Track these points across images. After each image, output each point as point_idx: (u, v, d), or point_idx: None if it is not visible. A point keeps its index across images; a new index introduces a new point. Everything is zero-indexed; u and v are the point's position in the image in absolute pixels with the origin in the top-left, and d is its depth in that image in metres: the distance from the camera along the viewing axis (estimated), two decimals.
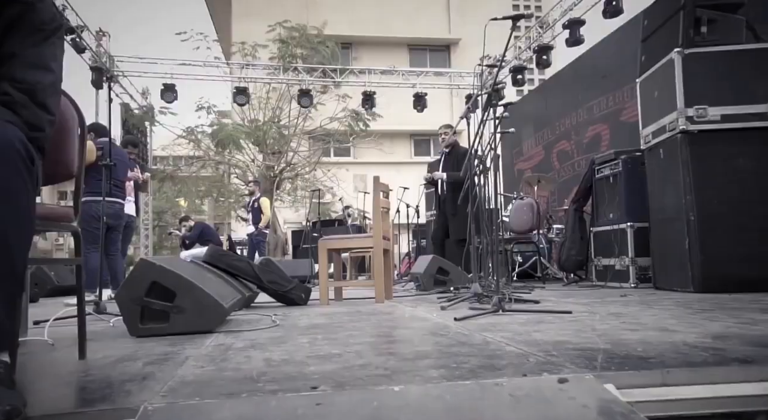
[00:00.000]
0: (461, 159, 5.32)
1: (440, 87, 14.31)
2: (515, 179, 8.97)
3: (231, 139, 11.49)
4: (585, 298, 3.37)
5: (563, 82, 7.81)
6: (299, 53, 12.91)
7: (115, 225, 4.53)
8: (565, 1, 9.66)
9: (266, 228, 8.05)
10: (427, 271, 4.39)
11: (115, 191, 4.48)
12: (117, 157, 4.54)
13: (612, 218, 4.40)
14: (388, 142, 20.00)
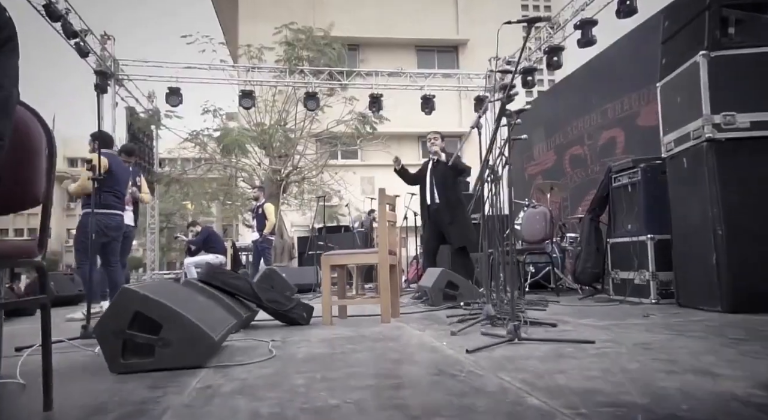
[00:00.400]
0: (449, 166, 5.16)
1: (448, 89, 14.11)
2: (525, 184, 8.74)
3: (236, 143, 11.35)
4: (604, 317, 3.15)
5: (576, 84, 7.58)
6: (305, 55, 12.75)
7: (115, 237, 4.38)
8: (576, 1, 9.43)
9: (271, 234, 7.88)
10: (435, 286, 4.19)
11: (115, 203, 4.34)
12: (119, 169, 4.40)
13: (630, 229, 4.18)
14: (395, 144, 19.74)
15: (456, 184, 5.37)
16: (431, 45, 23.54)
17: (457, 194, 5.32)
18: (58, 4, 8.64)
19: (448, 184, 5.20)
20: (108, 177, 4.22)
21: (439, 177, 5.19)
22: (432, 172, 5.27)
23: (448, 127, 21.72)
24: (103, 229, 4.27)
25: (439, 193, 5.16)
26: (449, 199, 5.15)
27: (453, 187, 5.25)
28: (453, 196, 5.20)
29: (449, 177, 5.20)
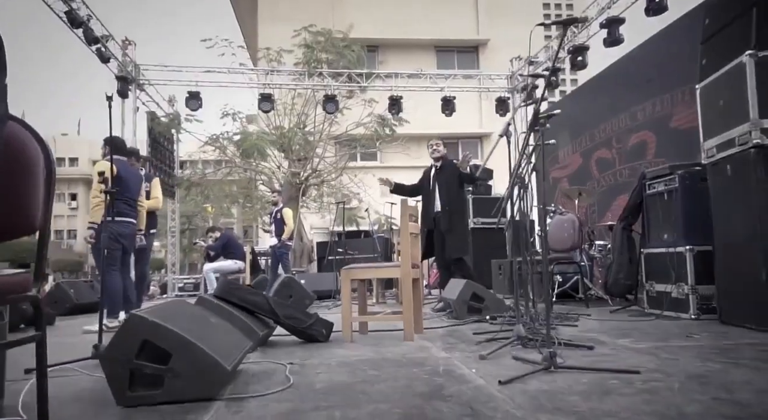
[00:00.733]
0: (454, 172, 5.02)
1: (469, 90, 13.88)
2: (550, 188, 8.50)
3: (255, 147, 11.30)
4: (644, 337, 2.94)
5: (603, 85, 7.31)
6: (324, 58, 12.66)
7: (128, 245, 4.30)
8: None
9: (290, 240, 7.77)
10: (460, 298, 4.02)
11: (127, 210, 4.26)
12: (128, 175, 4.32)
13: (667, 240, 3.95)
14: (415, 145, 19.60)
15: (461, 192, 5.19)
16: (451, 45, 23.30)
17: (461, 202, 5.24)
18: (79, 10, 8.68)
19: (453, 191, 5.05)
20: (118, 184, 4.14)
21: (443, 184, 5.05)
22: (436, 179, 5.12)
23: (467, 128, 21.55)
24: (117, 238, 4.19)
25: (442, 200, 5.01)
26: (453, 207, 4.99)
27: (458, 195, 5.13)
28: (457, 203, 5.08)
29: (454, 184, 5.05)
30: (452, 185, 5.03)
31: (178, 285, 9.72)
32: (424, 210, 5.20)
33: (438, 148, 5.22)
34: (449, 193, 5.00)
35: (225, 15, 68.80)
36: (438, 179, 5.09)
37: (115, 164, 4.19)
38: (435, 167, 5.19)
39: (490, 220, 9.22)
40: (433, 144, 5.29)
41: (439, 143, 5.26)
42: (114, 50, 10.42)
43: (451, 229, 4.90)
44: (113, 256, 4.16)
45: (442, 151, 5.22)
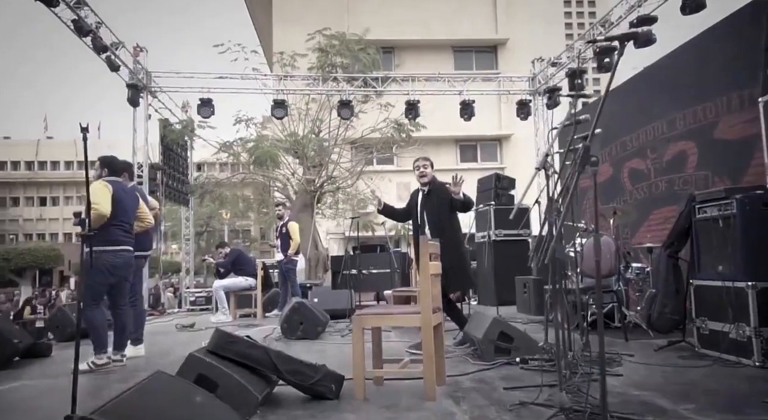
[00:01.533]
0: (444, 197, 4.33)
1: (489, 93, 13.40)
2: (577, 198, 8.00)
3: (268, 155, 11.00)
4: (710, 403, 2.50)
5: (637, 89, 6.80)
6: (339, 62, 12.31)
7: (125, 276, 3.97)
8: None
9: (296, 255, 7.45)
10: (486, 337, 3.60)
11: (123, 237, 3.92)
12: (124, 196, 3.98)
13: (723, 272, 3.48)
14: (432, 148, 19.16)
15: (453, 219, 4.49)
16: (469, 45, 22.78)
17: (455, 231, 4.49)
18: (87, 18, 8.46)
19: (443, 218, 4.38)
20: (113, 209, 3.81)
21: (431, 210, 4.38)
22: (423, 205, 4.45)
23: (486, 130, 21.02)
24: (110, 270, 3.82)
25: (432, 230, 4.33)
26: (446, 238, 4.18)
27: (450, 223, 4.43)
28: (450, 232, 4.36)
29: (444, 211, 4.38)
30: (443, 212, 4.38)
31: (190, 298, 9.46)
32: (414, 241, 4.55)
33: (425, 171, 4.48)
34: (440, 222, 4.35)
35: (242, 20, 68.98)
36: (426, 206, 4.43)
37: (113, 186, 3.87)
38: (422, 192, 4.51)
39: (512, 232, 8.78)
40: (419, 165, 4.50)
41: (426, 164, 4.50)
42: (126, 57, 10.21)
43: (452, 265, 4.12)
44: (97, 292, 3.82)
45: (431, 173, 4.51)
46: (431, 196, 4.43)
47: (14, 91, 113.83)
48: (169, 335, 6.02)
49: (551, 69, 11.99)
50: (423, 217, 4.43)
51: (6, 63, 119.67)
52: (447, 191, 4.34)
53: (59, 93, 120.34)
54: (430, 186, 4.46)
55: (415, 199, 4.57)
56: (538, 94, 12.65)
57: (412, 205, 4.59)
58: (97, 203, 3.64)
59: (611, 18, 9.48)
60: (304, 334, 5.16)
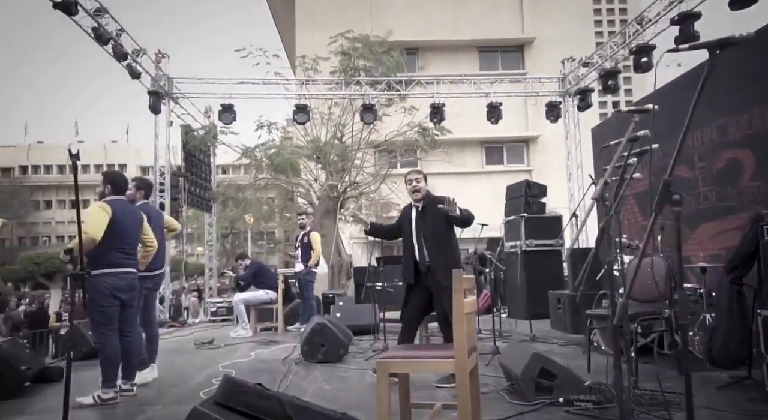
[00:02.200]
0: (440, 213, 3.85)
1: (517, 95, 12.96)
2: None
3: (288, 163, 10.78)
4: None
5: (683, 90, 6.32)
6: (362, 65, 12.02)
7: (129, 299, 3.73)
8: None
9: (316, 266, 7.19)
10: (525, 374, 3.25)
11: (124, 260, 3.69)
12: (125, 218, 3.73)
13: None
14: (457, 151, 18.80)
15: (451, 236, 4.08)
16: (494, 45, 22.27)
17: (453, 249, 4.09)
18: (108, 26, 8.36)
19: (441, 236, 3.99)
20: (111, 232, 3.58)
21: (428, 228, 3.99)
22: (418, 222, 4.04)
23: (513, 131, 20.45)
24: (113, 293, 3.60)
25: (429, 249, 3.96)
26: (445, 258, 3.94)
27: (448, 241, 4.04)
28: (448, 252, 4.00)
29: (441, 228, 3.98)
30: (439, 229, 3.98)
31: (211, 309, 9.29)
32: (404, 260, 4.12)
33: (419, 185, 4.04)
34: (437, 241, 3.96)
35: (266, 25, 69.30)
36: (421, 224, 4.02)
37: (111, 206, 3.64)
38: (416, 208, 4.09)
39: (544, 242, 8.35)
40: (412, 179, 4.09)
41: (419, 178, 4.07)
42: (147, 64, 10.13)
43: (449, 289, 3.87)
44: (107, 314, 3.59)
45: (424, 187, 4.08)
46: (426, 212, 4.01)
47: (43, 95, 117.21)
48: (186, 354, 5.81)
49: (582, 69, 11.50)
50: (419, 236, 4.02)
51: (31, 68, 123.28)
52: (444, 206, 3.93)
53: (88, 96, 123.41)
54: (424, 201, 4.04)
55: (408, 216, 4.15)
56: (569, 96, 12.16)
57: (404, 223, 4.16)
58: (85, 230, 3.47)
59: (649, 15, 8.98)
60: (325, 357, 4.87)
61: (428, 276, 3.96)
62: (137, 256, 3.87)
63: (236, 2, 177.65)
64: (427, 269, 3.96)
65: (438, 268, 3.90)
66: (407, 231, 4.11)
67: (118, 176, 3.95)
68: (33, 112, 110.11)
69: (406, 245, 4.10)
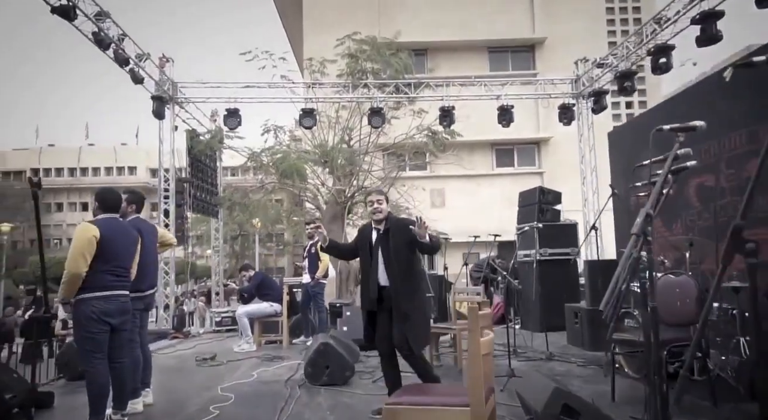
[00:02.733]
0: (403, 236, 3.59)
1: (528, 97, 12.62)
2: (632, 216, 7.20)
3: (294, 168, 10.53)
4: None
5: (708, 93, 5.98)
6: (370, 67, 11.76)
7: (119, 324, 3.48)
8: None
9: (324, 278, 6.94)
10: (547, 411, 2.96)
11: (116, 282, 3.44)
12: (116, 238, 3.49)
13: None
14: (467, 153, 18.45)
15: (415, 261, 3.77)
16: (504, 45, 21.92)
17: (416, 275, 3.78)
18: (109, 30, 8.17)
19: (402, 261, 3.68)
20: (100, 254, 3.35)
21: (389, 252, 3.68)
22: (379, 245, 3.75)
23: (524, 133, 20.05)
24: (101, 317, 3.35)
25: (391, 274, 3.66)
26: (406, 284, 3.63)
27: (409, 266, 3.72)
28: (410, 278, 3.68)
29: (403, 252, 3.68)
30: (401, 254, 3.67)
31: (216, 319, 9.08)
32: (363, 285, 3.88)
33: (380, 206, 3.77)
34: (399, 265, 3.65)
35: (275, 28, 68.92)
36: (382, 246, 3.73)
37: (99, 227, 3.40)
38: (377, 230, 3.80)
39: (559, 251, 8.03)
40: (373, 200, 3.82)
41: (381, 200, 3.79)
42: (151, 69, 9.95)
43: (409, 315, 3.55)
44: (96, 341, 3.35)
45: (386, 209, 3.80)
46: (388, 235, 3.71)
47: (53, 98, 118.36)
48: (185, 373, 5.57)
49: (597, 70, 11.15)
50: (379, 257, 3.72)
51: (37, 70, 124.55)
52: (407, 229, 3.60)
53: (97, 99, 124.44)
54: (386, 224, 3.76)
55: (367, 238, 3.84)
56: (582, 98, 11.82)
57: (363, 244, 3.86)
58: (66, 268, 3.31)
59: (667, 13, 8.62)
60: (330, 380, 4.61)
61: (389, 299, 3.65)
62: (130, 276, 3.62)
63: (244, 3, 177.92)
64: (388, 295, 3.65)
65: (400, 294, 3.58)
66: (366, 253, 3.79)
67: (107, 194, 3.70)
68: (44, 115, 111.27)
69: (366, 269, 3.80)
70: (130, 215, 4.13)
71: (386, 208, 3.81)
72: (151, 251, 4.07)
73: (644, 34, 9.40)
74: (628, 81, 9.61)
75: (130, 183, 51.66)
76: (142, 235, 3.86)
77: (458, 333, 5.06)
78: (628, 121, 11.01)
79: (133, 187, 5.07)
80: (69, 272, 3.31)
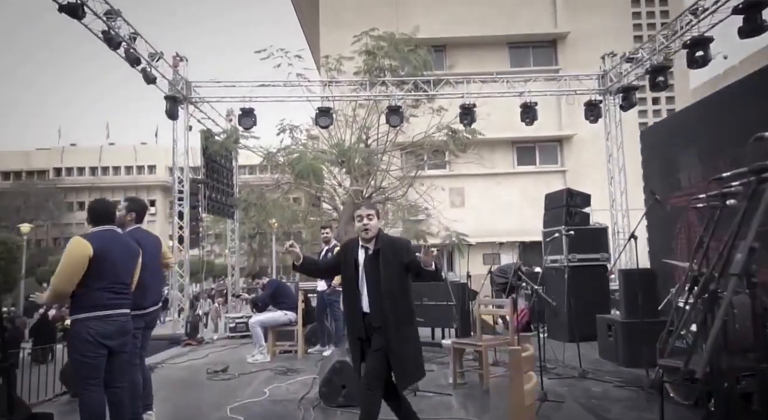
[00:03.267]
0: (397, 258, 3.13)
1: (553, 94, 12.15)
2: (667, 222, 6.76)
3: (310, 169, 10.24)
4: None
5: (753, 88, 5.51)
6: (388, 65, 11.41)
7: (118, 346, 3.19)
8: None
9: (339, 285, 6.61)
10: None
11: (115, 300, 3.14)
12: (113, 252, 3.20)
13: None
14: (487, 151, 17.97)
15: (408, 287, 3.23)
16: (525, 41, 21.36)
17: (409, 303, 3.24)
18: (120, 29, 7.95)
19: (396, 286, 3.14)
20: (96, 271, 3.07)
21: (380, 277, 3.13)
22: (367, 268, 3.19)
23: (545, 130, 19.45)
24: (99, 340, 3.05)
25: (381, 302, 3.10)
26: (397, 312, 3.11)
27: (404, 292, 3.19)
28: (404, 306, 3.17)
29: (398, 277, 3.15)
30: (395, 280, 3.13)
31: (230, 325, 8.84)
32: (348, 310, 3.31)
33: (370, 223, 3.17)
34: (392, 291, 3.12)
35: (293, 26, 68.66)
36: (371, 268, 3.17)
37: (91, 242, 3.12)
38: (365, 249, 3.22)
39: (589, 256, 7.59)
40: (362, 215, 3.19)
41: (371, 215, 3.19)
42: (164, 68, 9.74)
43: (401, 348, 3.07)
44: (91, 365, 3.06)
45: (376, 225, 3.21)
46: (378, 257, 3.16)
47: (77, 97, 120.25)
48: (195, 388, 5.31)
49: (625, 65, 10.64)
50: (366, 281, 3.17)
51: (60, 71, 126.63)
52: (402, 251, 3.19)
53: (117, 98, 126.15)
54: (377, 243, 3.20)
55: (352, 257, 3.25)
56: (609, 94, 11.31)
57: (347, 263, 3.28)
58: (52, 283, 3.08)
59: (705, 3, 8.09)
60: (346, 401, 4.29)
61: (371, 328, 3.16)
62: (130, 293, 3.33)
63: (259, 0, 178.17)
64: (372, 321, 3.14)
65: (389, 326, 3.07)
66: (352, 275, 3.23)
67: (99, 205, 3.40)
68: (67, 116, 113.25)
69: (350, 292, 3.26)
70: (130, 225, 3.82)
71: (376, 224, 3.23)
72: (150, 264, 3.78)
73: (678, 26, 8.88)
74: (661, 76, 9.10)
75: (150, 182, 52.15)
76: (142, 248, 3.58)
77: (484, 349, 4.69)
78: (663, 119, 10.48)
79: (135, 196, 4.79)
80: (54, 289, 3.08)
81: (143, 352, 3.90)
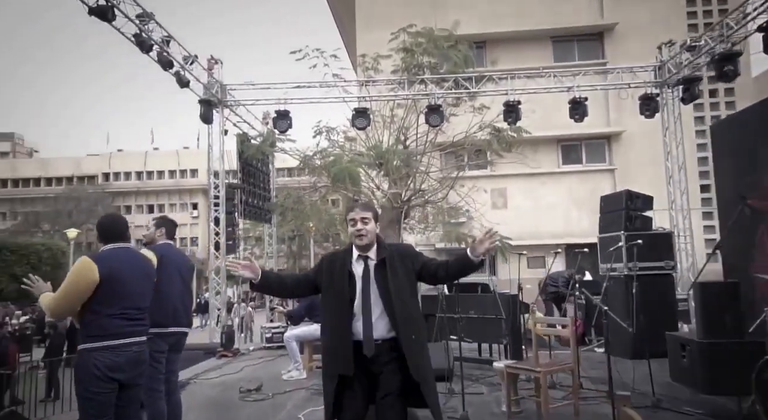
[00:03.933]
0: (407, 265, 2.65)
1: (604, 88, 11.38)
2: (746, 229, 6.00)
3: (346, 172, 9.87)
4: None
5: None
6: (427, 62, 10.92)
7: (129, 379, 2.83)
8: None
9: None
10: None
11: (128, 328, 2.79)
12: (124, 275, 2.84)
13: None
14: (530, 150, 17.17)
15: (416, 301, 2.80)
16: (570, 34, 20.37)
17: (420, 319, 2.80)
18: (153, 32, 7.78)
19: (408, 301, 2.65)
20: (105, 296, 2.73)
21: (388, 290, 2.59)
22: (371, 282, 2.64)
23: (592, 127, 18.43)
24: (107, 374, 2.69)
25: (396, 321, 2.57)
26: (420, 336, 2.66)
27: (416, 308, 2.75)
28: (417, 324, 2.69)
29: (407, 289, 2.66)
30: (405, 291, 2.64)
31: (266, 335, 8.56)
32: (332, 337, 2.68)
33: (365, 227, 2.68)
34: (405, 308, 2.60)
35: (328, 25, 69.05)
36: (377, 282, 2.63)
37: (102, 263, 2.77)
38: (364, 259, 2.69)
39: (652, 265, 6.90)
40: (355, 218, 2.69)
41: (366, 218, 2.69)
42: (199, 72, 9.58)
43: (424, 374, 2.57)
44: (99, 403, 2.70)
45: (373, 230, 2.71)
46: (385, 267, 2.63)
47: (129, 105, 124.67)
48: (226, 409, 4.98)
49: (686, 54, 9.80)
50: (368, 301, 2.61)
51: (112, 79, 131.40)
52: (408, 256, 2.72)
53: (163, 104, 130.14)
54: (381, 251, 2.69)
55: (344, 270, 2.68)
56: (667, 86, 10.48)
57: (338, 278, 2.68)
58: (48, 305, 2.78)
59: None
60: None
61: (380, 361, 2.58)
62: (146, 318, 2.97)
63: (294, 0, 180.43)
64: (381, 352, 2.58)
65: (414, 353, 2.55)
66: (342, 292, 2.64)
67: (107, 220, 3.03)
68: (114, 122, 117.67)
69: (336, 314, 2.65)
70: (159, 240, 3.61)
71: (374, 229, 2.70)
72: (175, 281, 3.43)
73: (748, 10, 8.03)
74: (730, 64, 8.26)
75: (192, 185, 53.28)
76: (163, 263, 3.24)
77: (542, 376, 4.15)
78: (740, 111, 9.60)
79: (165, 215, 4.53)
80: (50, 312, 2.79)
81: (172, 375, 3.57)
